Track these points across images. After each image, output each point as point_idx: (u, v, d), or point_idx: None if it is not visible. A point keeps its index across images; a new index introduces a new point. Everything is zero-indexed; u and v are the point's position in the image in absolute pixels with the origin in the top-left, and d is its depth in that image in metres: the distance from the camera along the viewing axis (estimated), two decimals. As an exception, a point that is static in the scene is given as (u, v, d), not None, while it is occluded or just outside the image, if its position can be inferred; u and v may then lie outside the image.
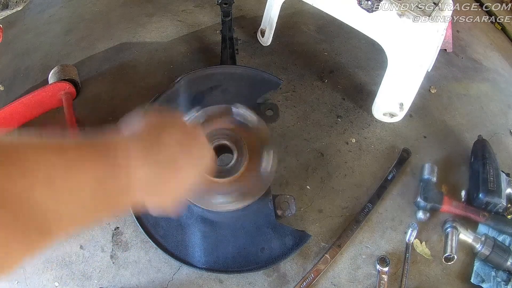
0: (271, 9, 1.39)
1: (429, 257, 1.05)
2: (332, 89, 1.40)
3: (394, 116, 1.29)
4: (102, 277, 1.01)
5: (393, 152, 1.24)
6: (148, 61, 1.46)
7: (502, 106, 1.42)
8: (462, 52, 1.58)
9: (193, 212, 1.00)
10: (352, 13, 1.08)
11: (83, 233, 1.06)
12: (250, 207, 0.95)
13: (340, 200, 1.15)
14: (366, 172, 1.20)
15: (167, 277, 1.01)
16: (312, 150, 1.24)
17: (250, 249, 0.97)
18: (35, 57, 1.49)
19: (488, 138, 1.24)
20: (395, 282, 1.01)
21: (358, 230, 1.08)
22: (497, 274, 1.00)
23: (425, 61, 1.11)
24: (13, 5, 1.11)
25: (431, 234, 1.09)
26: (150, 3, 1.70)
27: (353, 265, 1.04)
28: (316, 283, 1.00)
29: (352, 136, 1.28)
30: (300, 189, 1.16)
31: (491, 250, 0.99)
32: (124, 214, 1.08)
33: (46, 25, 1.62)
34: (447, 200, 1.09)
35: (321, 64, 1.47)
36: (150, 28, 1.58)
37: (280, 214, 1.00)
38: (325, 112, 1.33)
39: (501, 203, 1.06)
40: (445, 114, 1.37)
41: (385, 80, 1.20)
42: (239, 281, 1.00)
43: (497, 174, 1.10)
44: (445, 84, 1.45)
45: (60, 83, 1.26)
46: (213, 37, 1.54)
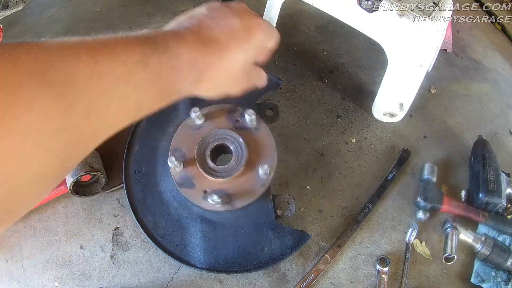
0: (271, 9, 1.39)
1: (429, 257, 1.05)
2: (332, 89, 1.40)
3: (394, 116, 1.29)
4: (102, 277, 1.01)
5: (393, 152, 1.24)
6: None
7: (502, 106, 1.42)
8: (462, 52, 1.58)
9: (193, 212, 1.00)
10: (352, 13, 1.08)
11: (83, 233, 1.07)
12: (250, 207, 0.95)
13: (340, 200, 1.15)
14: (366, 172, 1.20)
15: (167, 277, 1.01)
16: (312, 150, 1.24)
17: (250, 249, 0.97)
18: (35, 57, 1.49)
19: (488, 138, 1.24)
20: (395, 282, 1.01)
21: (358, 230, 1.08)
22: (497, 274, 1.00)
23: (425, 61, 1.11)
24: (13, 5, 1.11)
25: (431, 234, 1.09)
26: (150, 3, 1.70)
27: (353, 265, 1.04)
28: (316, 283, 1.00)
29: (352, 136, 1.28)
30: (300, 189, 1.16)
31: (491, 250, 0.99)
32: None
33: (46, 25, 1.62)
34: (447, 200, 1.09)
35: (321, 64, 1.47)
36: (150, 28, 1.58)
37: (280, 214, 1.00)
38: (325, 112, 1.33)
39: (501, 203, 1.06)
40: (445, 114, 1.37)
41: (385, 80, 1.20)
42: (239, 281, 1.00)
43: (497, 174, 1.10)
44: (445, 84, 1.45)
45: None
46: (213, 37, 1.54)
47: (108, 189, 1.12)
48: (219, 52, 0.39)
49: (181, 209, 1.01)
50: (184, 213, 1.01)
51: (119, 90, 0.31)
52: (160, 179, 1.04)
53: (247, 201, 0.93)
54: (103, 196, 1.12)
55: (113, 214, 1.10)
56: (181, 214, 1.01)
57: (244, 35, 0.42)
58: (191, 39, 0.38)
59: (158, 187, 1.04)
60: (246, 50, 0.43)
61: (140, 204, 1.02)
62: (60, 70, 0.28)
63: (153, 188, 1.04)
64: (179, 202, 1.01)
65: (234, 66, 0.42)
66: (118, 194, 1.13)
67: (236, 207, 0.93)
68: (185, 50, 0.37)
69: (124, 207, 1.10)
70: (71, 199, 1.10)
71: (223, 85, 0.43)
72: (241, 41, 0.42)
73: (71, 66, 0.29)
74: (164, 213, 1.01)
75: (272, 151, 0.98)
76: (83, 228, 1.07)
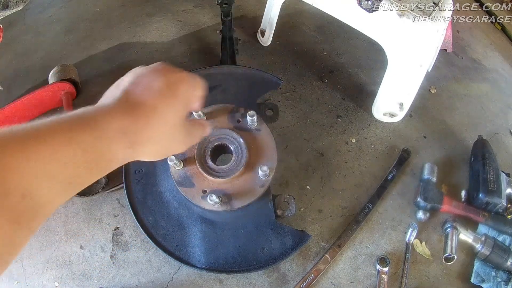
0: (271, 9, 1.39)
1: (429, 257, 1.05)
2: (332, 89, 1.40)
3: (394, 116, 1.29)
4: (102, 277, 1.01)
5: (393, 152, 1.24)
6: (148, 61, 1.44)
7: (502, 106, 1.42)
8: (462, 52, 1.58)
9: (193, 212, 1.00)
10: (352, 13, 1.08)
11: (83, 233, 1.07)
12: (250, 207, 0.95)
13: (340, 200, 1.15)
14: (366, 172, 1.20)
15: (167, 277, 1.01)
16: (312, 150, 1.24)
17: (250, 249, 0.97)
18: (35, 57, 1.49)
19: (488, 138, 1.24)
20: (395, 282, 1.01)
21: (358, 230, 1.08)
22: (497, 274, 1.00)
23: (425, 61, 1.11)
24: (13, 5, 1.11)
25: (431, 234, 1.09)
26: (150, 3, 1.70)
27: (353, 265, 1.04)
28: (316, 283, 1.00)
29: (352, 136, 1.28)
30: (300, 189, 1.16)
31: (491, 250, 0.99)
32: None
33: (46, 25, 1.62)
34: (447, 200, 1.09)
35: (321, 64, 1.47)
36: (150, 28, 1.58)
37: (280, 214, 1.00)
38: (325, 112, 1.33)
39: (501, 203, 1.06)
40: (445, 114, 1.37)
41: (385, 80, 1.20)
42: (239, 281, 1.00)
43: (497, 174, 1.10)
44: (445, 84, 1.45)
45: (60, 83, 1.26)
46: (213, 37, 1.54)
47: (108, 189, 1.12)
48: (148, 113, 0.41)
49: (181, 209, 1.01)
50: (184, 213, 1.01)
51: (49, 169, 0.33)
52: (160, 179, 1.04)
53: (247, 201, 0.93)
54: (103, 196, 1.12)
55: (113, 214, 1.10)
56: (181, 214, 1.01)
57: (168, 92, 0.44)
58: (119, 108, 0.40)
59: (158, 187, 1.04)
60: (174, 105, 0.44)
61: (140, 204, 1.02)
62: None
63: (153, 188, 1.04)
64: (179, 202, 1.01)
65: (166, 123, 0.43)
66: (118, 194, 1.13)
67: (235, 208, 0.93)
68: (113, 120, 0.38)
69: (124, 207, 1.10)
70: (71, 199, 1.10)
71: (163, 146, 0.45)
72: (167, 99, 0.43)
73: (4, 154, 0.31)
74: (164, 213, 1.01)
75: (272, 152, 0.98)
76: (83, 228, 1.07)
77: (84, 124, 0.36)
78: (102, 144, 0.37)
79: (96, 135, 0.36)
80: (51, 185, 0.33)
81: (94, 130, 0.36)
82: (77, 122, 0.36)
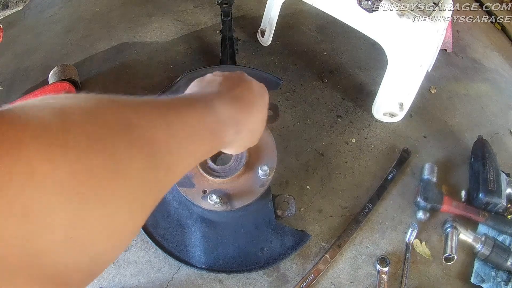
0: (271, 9, 1.39)
1: (429, 257, 1.05)
2: (332, 89, 1.40)
3: (394, 116, 1.29)
4: (102, 277, 1.00)
5: (393, 152, 1.24)
6: (148, 61, 1.46)
7: (502, 106, 1.42)
8: (462, 52, 1.58)
9: (193, 212, 1.00)
10: (352, 13, 1.08)
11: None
12: (250, 207, 0.95)
13: (340, 200, 1.15)
14: (366, 172, 1.20)
15: (167, 277, 1.01)
16: (312, 150, 1.24)
17: (250, 249, 0.97)
18: (35, 57, 1.49)
19: (488, 138, 1.24)
20: (395, 282, 1.01)
21: (358, 230, 1.08)
22: (497, 274, 1.00)
23: (425, 61, 1.11)
24: (13, 5, 1.11)
25: (431, 234, 1.09)
26: (150, 3, 1.70)
27: (353, 265, 1.04)
28: (316, 283, 1.00)
29: (352, 136, 1.28)
30: (300, 189, 1.16)
31: (491, 250, 0.99)
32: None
33: (46, 25, 1.62)
34: (447, 200, 1.09)
35: (321, 64, 1.47)
36: (150, 28, 1.58)
37: (280, 214, 1.00)
38: (325, 112, 1.33)
39: (501, 203, 1.06)
40: (445, 114, 1.37)
41: (385, 80, 1.20)
42: (239, 281, 1.00)
43: (497, 174, 1.10)
44: (445, 84, 1.45)
45: (60, 83, 1.26)
46: (213, 37, 1.54)
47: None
48: (248, 108, 0.45)
49: (181, 209, 1.01)
50: (184, 213, 1.01)
51: (188, 147, 0.35)
52: (160, 179, 1.04)
53: (247, 201, 0.93)
54: (103, 196, 1.12)
55: (113, 214, 1.10)
56: (181, 214, 1.01)
57: (260, 92, 0.49)
58: (225, 98, 0.43)
59: (158, 187, 1.04)
60: (265, 104, 0.50)
61: (140, 204, 1.02)
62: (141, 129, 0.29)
63: (153, 188, 1.04)
64: (179, 202, 1.01)
65: (261, 119, 0.49)
66: (118, 194, 1.12)
67: (235, 207, 0.93)
68: (224, 108, 0.41)
69: (124, 207, 1.10)
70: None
71: (250, 138, 0.49)
72: (261, 99, 0.49)
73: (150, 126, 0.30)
74: (164, 213, 1.01)
75: (272, 152, 0.98)
76: (83, 228, 1.07)
77: (208, 107, 0.39)
78: (221, 128, 0.40)
79: (219, 118, 0.39)
80: (188, 162, 0.35)
81: (218, 114, 0.39)
82: (202, 106, 0.38)
